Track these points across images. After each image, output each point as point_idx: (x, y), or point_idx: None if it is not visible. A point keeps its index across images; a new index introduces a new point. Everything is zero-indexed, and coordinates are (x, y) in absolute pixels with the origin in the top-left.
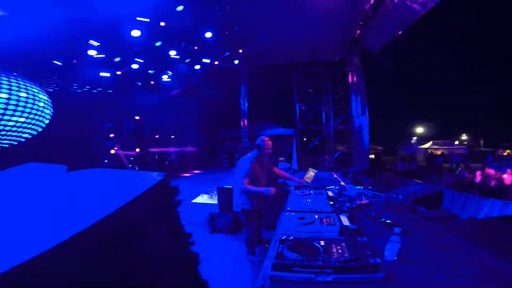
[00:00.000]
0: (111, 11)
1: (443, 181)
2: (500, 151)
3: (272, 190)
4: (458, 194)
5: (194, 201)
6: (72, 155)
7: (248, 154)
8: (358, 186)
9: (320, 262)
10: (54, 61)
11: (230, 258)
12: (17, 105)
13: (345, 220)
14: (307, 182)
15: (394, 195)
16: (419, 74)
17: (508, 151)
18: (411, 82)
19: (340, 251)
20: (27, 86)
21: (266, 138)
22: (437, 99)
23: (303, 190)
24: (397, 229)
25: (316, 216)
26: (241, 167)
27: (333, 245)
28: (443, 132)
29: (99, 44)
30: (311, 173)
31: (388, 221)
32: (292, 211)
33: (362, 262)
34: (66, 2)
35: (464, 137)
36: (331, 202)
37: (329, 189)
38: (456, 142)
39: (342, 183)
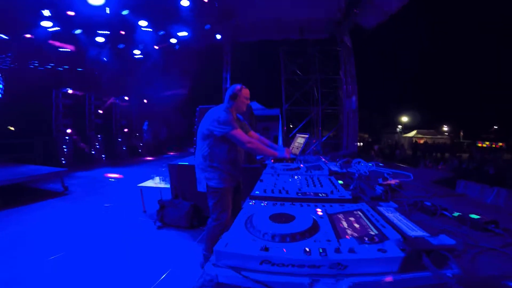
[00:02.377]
0: None
1: (447, 167)
2: (479, 143)
3: (287, 150)
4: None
5: (142, 184)
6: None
7: (215, 108)
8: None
9: None
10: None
11: (177, 274)
12: None
13: (404, 223)
14: (294, 154)
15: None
16: (407, 60)
17: (487, 142)
18: (399, 68)
19: None
20: None
21: (243, 86)
22: (422, 88)
23: (289, 164)
24: None
25: (320, 212)
26: (212, 119)
27: None
28: (426, 122)
29: (50, 15)
30: (299, 140)
31: (473, 216)
32: (264, 198)
33: None
34: None
35: (445, 128)
36: (340, 182)
37: (331, 163)
38: (438, 133)
39: (323, 159)
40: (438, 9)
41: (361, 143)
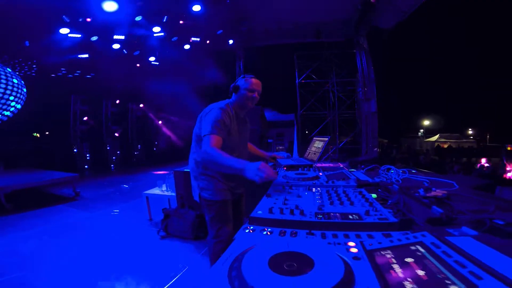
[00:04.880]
0: None
1: (474, 173)
2: (508, 146)
3: (263, 166)
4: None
5: (148, 192)
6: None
7: (216, 103)
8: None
9: None
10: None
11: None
12: None
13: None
14: (311, 161)
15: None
16: (427, 62)
17: None
18: (419, 70)
19: None
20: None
21: (247, 76)
22: (446, 91)
23: (304, 171)
24: None
25: (355, 249)
26: (202, 120)
27: None
28: (449, 125)
29: (69, 21)
30: (317, 144)
31: None
32: (268, 223)
33: None
34: None
35: (470, 131)
36: (374, 196)
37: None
38: (463, 136)
39: (341, 166)
40: (464, 5)
41: (379, 149)
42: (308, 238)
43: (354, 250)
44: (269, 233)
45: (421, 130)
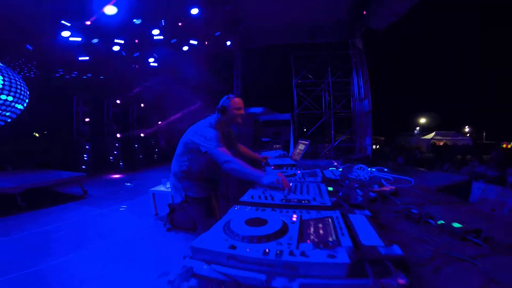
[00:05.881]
0: None
1: (464, 170)
2: (504, 144)
3: (282, 177)
4: (492, 187)
5: (154, 189)
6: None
7: (202, 120)
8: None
9: None
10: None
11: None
12: None
13: (366, 231)
14: (295, 160)
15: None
16: (423, 60)
17: None
18: (414, 68)
19: None
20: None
21: (231, 97)
22: (441, 88)
23: (286, 171)
24: None
25: (295, 218)
26: (199, 134)
27: None
28: (446, 123)
29: (70, 24)
30: (300, 146)
31: (456, 224)
32: (249, 204)
33: None
34: None
35: (466, 129)
36: (330, 188)
37: (329, 170)
38: (459, 134)
39: (335, 164)
40: (456, 5)
41: (377, 146)
42: (271, 212)
43: (294, 218)
44: (248, 210)
45: (417, 128)
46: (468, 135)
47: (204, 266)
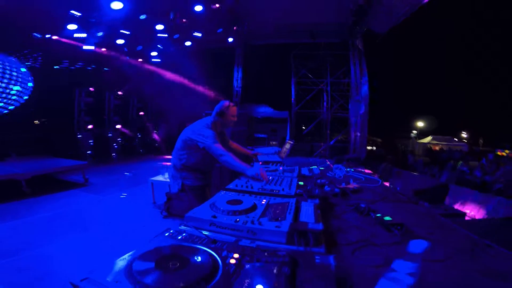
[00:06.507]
0: None
1: (444, 175)
2: (498, 151)
3: (262, 171)
4: (467, 190)
5: (153, 178)
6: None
7: (200, 121)
8: (348, 168)
9: None
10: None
11: None
12: None
13: (308, 213)
14: (281, 158)
15: (391, 186)
16: (422, 64)
17: (507, 151)
18: (413, 72)
19: None
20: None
21: (231, 104)
22: (439, 93)
23: (271, 166)
24: (417, 244)
25: (264, 201)
26: (197, 132)
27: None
28: (443, 128)
29: (80, 14)
30: (287, 145)
31: (387, 218)
32: (233, 190)
33: None
34: None
35: (463, 134)
36: (301, 183)
37: (307, 168)
38: (455, 139)
39: (328, 163)
40: (458, 9)
41: (374, 147)
42: (248, 197)
43: (263, 202)
44: (231, 194)
45: (414, 132)
46: (465, 140)
47: (193, 230)
